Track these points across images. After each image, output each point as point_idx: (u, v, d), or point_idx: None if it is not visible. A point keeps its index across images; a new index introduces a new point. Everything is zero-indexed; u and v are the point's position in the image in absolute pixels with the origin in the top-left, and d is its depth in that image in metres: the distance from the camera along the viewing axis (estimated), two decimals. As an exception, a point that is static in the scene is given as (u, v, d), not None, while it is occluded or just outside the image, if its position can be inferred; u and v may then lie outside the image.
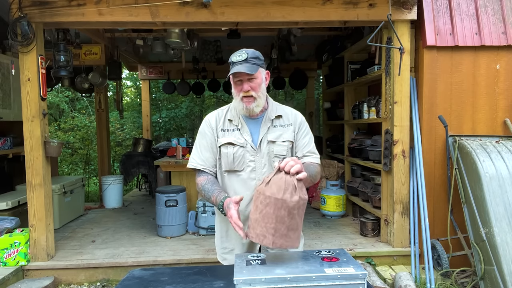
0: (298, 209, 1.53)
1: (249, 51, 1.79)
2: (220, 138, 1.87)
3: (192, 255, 3.72)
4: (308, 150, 1.92)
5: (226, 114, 1.92)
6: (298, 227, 1.56)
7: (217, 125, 1.90)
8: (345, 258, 1.51)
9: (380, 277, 3.47)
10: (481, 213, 3.10)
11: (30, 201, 3.54)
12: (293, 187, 1.52)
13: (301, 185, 1.56)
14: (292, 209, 1.50)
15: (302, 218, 1.61)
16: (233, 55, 1.80)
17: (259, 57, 1.81)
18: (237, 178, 1.87)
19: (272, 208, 1.50)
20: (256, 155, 1.85)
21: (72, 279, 3.58)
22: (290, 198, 1.50)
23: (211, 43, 6.11)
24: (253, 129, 1.88)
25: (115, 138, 11.21)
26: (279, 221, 1.50)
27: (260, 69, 1.81)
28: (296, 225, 1.53)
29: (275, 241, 1.50)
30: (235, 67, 1.75)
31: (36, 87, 3.47)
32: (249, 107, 1.80)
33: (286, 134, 1.88)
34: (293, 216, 1.51)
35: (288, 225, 1.51)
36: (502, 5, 3.74)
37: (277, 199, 1.50)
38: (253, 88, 1.78)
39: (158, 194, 4.41)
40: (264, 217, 1.52)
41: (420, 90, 3.76)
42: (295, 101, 11.49)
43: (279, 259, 1.53)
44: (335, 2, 3.50)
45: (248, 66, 1.74)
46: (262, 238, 1.51)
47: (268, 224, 1.51)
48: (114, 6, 3.41)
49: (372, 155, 4.20)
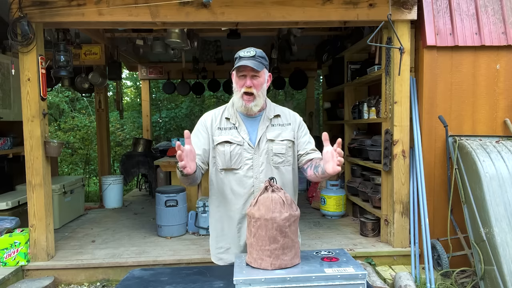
0: (290, 226, 1.51)
1: (257, 50, 1.82)
2: (217, 136, 1.88)
3: (192, 255, 3.72)
4: (311, 147, 1.95)
5: (223, 112, 1.93)
6: (294, 243, 1.53)
7: (212, 124, 1.90)
8: (345, 258, 1.51)
9: (380, 277, 3.47)
10: (481, 213, 3.10)
11: (30, 201, 3.54)
12: (281, 204, 1.50)
13: (290, 201, 1.55)
14: (283, 227, 1.48)
15: (297, 234, 1.59)
16: (241, 51, 1.82)
17: (265, 57, 1.84)
18: (234, 176, 1.87)
19: (264, 230, 1.49)
20: (254, 153, 1.86)
21: (72, 279, 3.58)
22: (280, 216, 1.48)
23: (211, 43, 6.11)
24: (250, 128, 1.88)
25: (115, 138, 11.20)
26: (272, 241, 1.48)
27: (265, 69, 1.84)
28: (291, 243, 1.51)
29: (273, 263, 1.48)
30: (242, 61, 1.76)
31: (36, 87, 3.47)
32: (248, 105, 1.81)
33: (285, 133, 1.90)
34: (285, 234, 1.49)
35: (283, 244, 1.49)
36: (502, 5, 3.74)
37: (267, 219, 1.48)
38: (255, 85, 1.80)
39: (158, 194, 4.41)
40: (258, 240, 1.51)
41: (420, 90, 3.76)
42: (295, 101, 11.48)
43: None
44: (335, 2, 3.50)
45: (255, 62, 1.76)
46: (260, 261, 1.50)
47: (263, 247, 1.49)
48: (114, 6, 3.41)
49: (372, 155, 4.19)
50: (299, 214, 1.57)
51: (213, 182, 1.94)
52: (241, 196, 1.86)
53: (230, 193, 1.87)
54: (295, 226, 1.55)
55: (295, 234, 1.55)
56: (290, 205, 1.54)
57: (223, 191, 1.89)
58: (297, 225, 1.58)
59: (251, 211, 1.55)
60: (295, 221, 1.54)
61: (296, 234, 1.57)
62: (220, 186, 1.90)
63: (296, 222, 1.56)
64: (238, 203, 1.87)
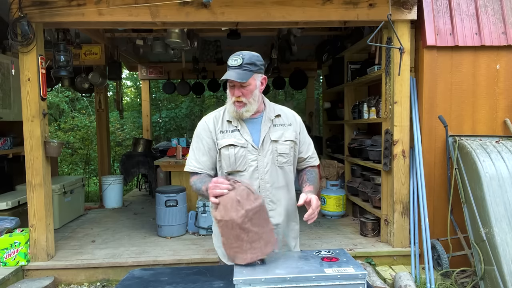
0: (250, 221, 1.52)
1: (245, 56, 1.78)
2: (220, 140, 1.88)
3: (192, 255, 3.72)
4: (309, 154, 2.03)
5: (223, 115, 1.93)
6: (262, 233, 1.55)
7: (215, 128, 1.90)
8: (345, 258, 1.51)
9: (380, 277, 3.47)
10: (481, 213, 3.10)
11: (30, 201, 3.54)
12: (237, 202, 1.51)
13: (246, 195, 1.54)
14: (242, 224, 1.50)
15: (266, 222, 1.59)
16: (230, 58, 1.81)
17: (255, 63, 1.79)
18: (239, 178, 1.86)
19: (227, 230, 1.53)
20: (258, 154, 1.86)
21: (72, 279, 3.58)
22: (236, 215, 1.50)
23: (211, 43, 6.11)
24: (252, 129, 1.89)
25: (115, 138, 11.20)
26: (238, 239, 1.52)
27: (255, 75, 1.80)
28: (256, 235, 1.53)
29: (245, 257, 1.51)
30: (228, 73, 1.77)
31: (36, 87, 3.47)
32: (239, 111, 1.83)
33: (287, 133, 1.92)
34: (248, 230, 1.51)
35: (248, 239, 1.51)
36: (502, 5, 3.74)
37: (226, 221, 1.52)
38: (244, 94, 1.80)
39: (158, 194, 4.41)
40: (226, 239, 1.56)
41: (420, 90, 3.76)
42: (295, 101, 11.47)
43: (279, 260, 1.53)
44: (335, 2, 3.50)
45: (240, 73, 1.75)
46: (233, 258, 1.55)
47: (232, 245, 1.54)
48: (114, 6, 3.41)
49: (372, 155, 4.19)
50: (259, 203, 1.55)
51: None
52: None
53: None
54: (257, 217, 1.54)
55: (260, 224, 1.55)
56: (247, 199, 1.53)
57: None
58: (262, 213, 1.57)
59: (214, 213, 1.58)
60: (256, 213, 1.53)
61: (263, 223, 1.57)
62: None
63: (259, 212, 1.55)
64: None
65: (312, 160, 2.05)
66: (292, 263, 1.49)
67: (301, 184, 1.97)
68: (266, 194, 1.88)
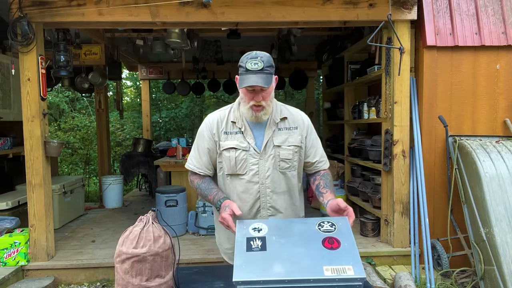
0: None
1: (264, 58, 1.70)
2: (223, 141, 1.84)
3: (192, 255, 3.72)
4: (317, 159, 1.97)
5: (228, 115, 1.88)
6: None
7: (219, 128, 1.86)
8: (347, 243, 1.57)
9: (380, 277, 3.48)
10: (481, 213, 3.10)
11: (30, 201, 3.54)
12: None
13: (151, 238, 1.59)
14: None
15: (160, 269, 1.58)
16: (248, 61, 1.69)
17: (272, 65, 1.74)
18: (239, 181, 1.85)
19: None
20: (260, 158, 1.83)
21: (72, 279, 3.58)
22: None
23: (211, 43, 6.11)
24: (256, 132, 1.84)
25: (115, 138, 11.20)
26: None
27: (272, 77, 1.77)
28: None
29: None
30: (251, 78, 1.67)
31: (36, 87, 3.47)
32: (257, 114, 1.77)
33: (291, 138, 1.86)
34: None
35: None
36: (502, 5, 3.74)
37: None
38: (264, 98, 1.74)
39: (158, 194, 4.41)
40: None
41: (420, 90, 3.76)
42: (295, 101, 11.48)
43: (279, 234, 1.54)
44: (335, 2, 3.50)
45: (263, 77, 1.67)
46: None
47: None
48: (114, 6, 3.41)
49: (372, 155, 4.19)
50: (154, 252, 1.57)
51: (221, 186, 1.93)
52: (247, 202, 1.86)
53: (237, 199, 1.86)
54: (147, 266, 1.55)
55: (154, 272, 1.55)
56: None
57: (230, 196, 1.88)
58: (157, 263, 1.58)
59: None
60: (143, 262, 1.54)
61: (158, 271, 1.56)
62: (227, 191, 1.89)
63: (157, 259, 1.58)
64: (245, 208, 1.85)
65: (321, 165, 1.98)
66: (293, 247, 1.48)
67: (318, 189, 1.94)
68: (266, 200, 1.86)
